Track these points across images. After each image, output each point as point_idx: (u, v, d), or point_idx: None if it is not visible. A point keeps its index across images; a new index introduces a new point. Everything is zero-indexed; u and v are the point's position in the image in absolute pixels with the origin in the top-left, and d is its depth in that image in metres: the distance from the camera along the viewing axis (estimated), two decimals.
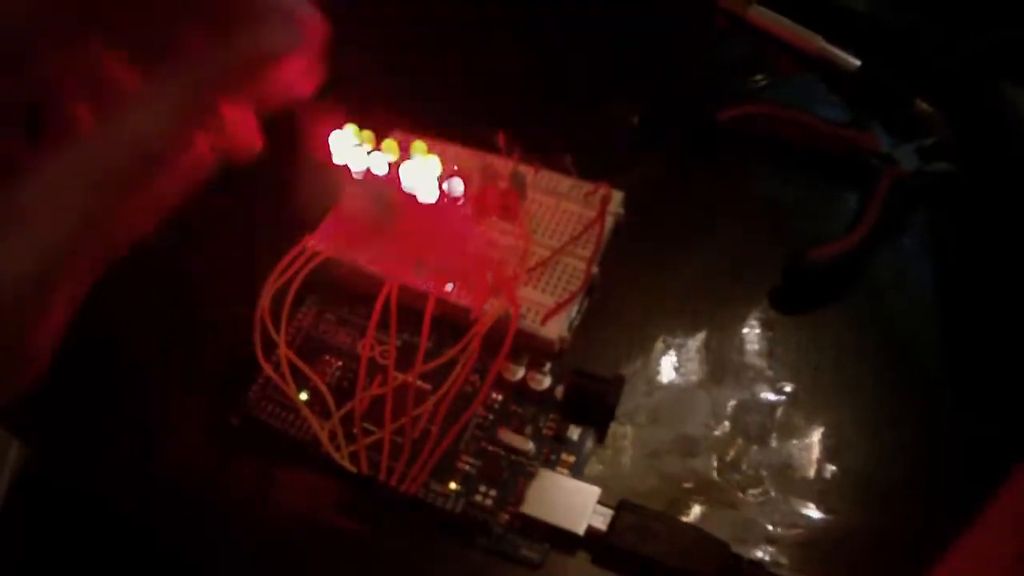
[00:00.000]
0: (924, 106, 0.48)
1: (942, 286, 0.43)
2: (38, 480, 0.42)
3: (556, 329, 0.40)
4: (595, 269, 0.42)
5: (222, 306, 0.44)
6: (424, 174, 0.40)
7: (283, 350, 0.40)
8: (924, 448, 0.39)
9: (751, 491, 0.38)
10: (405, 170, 0.40)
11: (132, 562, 0.40)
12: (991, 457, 0.37)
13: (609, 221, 0.43)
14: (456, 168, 0.40)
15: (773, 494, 0.38)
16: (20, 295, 0.22)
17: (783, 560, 0.37)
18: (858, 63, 0.50)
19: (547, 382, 0.40)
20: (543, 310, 0.41)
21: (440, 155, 0.41)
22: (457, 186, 0.40)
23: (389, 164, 0.41)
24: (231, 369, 0.43)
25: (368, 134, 0.42)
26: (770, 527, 0.37)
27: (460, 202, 0.40)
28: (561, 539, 0.37)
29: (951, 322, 0.42)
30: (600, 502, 0.37)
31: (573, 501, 0.37)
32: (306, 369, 0.41)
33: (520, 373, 0.40)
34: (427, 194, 0.40)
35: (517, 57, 0.55)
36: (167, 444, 0.42)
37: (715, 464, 0.39)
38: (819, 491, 0.38)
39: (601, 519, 0.37)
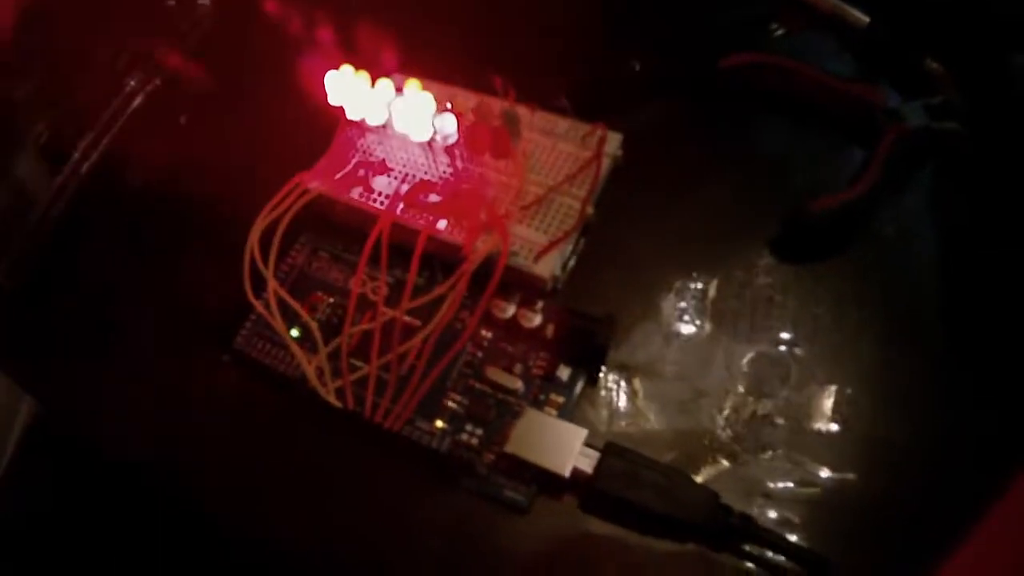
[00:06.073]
0: (933, 65, 0.45)
1: (946, 245, 0.40)
2: (48, 434, 0.41)
3: (548, 267, 0.37)
4: (590, 209, 0.39)
5: (219, 246, 0.42)
6: (416, 110, 0.37)
7: (271, 285, 0.38)
8: (926, 411, 0.35)
9: (745, 443, 0.35)
10: (397, 107, 0.38)
11: (139, 510, 0.38)
12: (991, 426, 0.34)
13: (607, 163, 0.40)
14: (449, 106, 0.37)
15: (767, 447, 0.35)
16: None
17: (772, 515, 0.33)
18: (867, 19, 0.47)
19: (537, 320, 0.37)
20: (536, 248, 0.38)
21: (434, 94, 0.38)
22: (449, 123, 0.37)
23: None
24: (228, 307, 0.40)
25: (364, 74, 0.39)
26: (765, 482, 0.34)
27: (452, 140, 0.38)
28: (547, 481, 0.34)
29: (954, 281, 0.39)
30: (588, 444, 0.34)
31: (559, 442, 0.34)
32: (295, 305, 0.38)
33: (511, 311, 0.37)
34: (419, 131, 0.38)
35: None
36: (167, 386, 0.40)
37: (709, 412, 0.36)
38: (816, 447, 0.35)
39: (588, 462, 0.33)
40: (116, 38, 0.48)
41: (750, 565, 0.32)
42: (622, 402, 0.37)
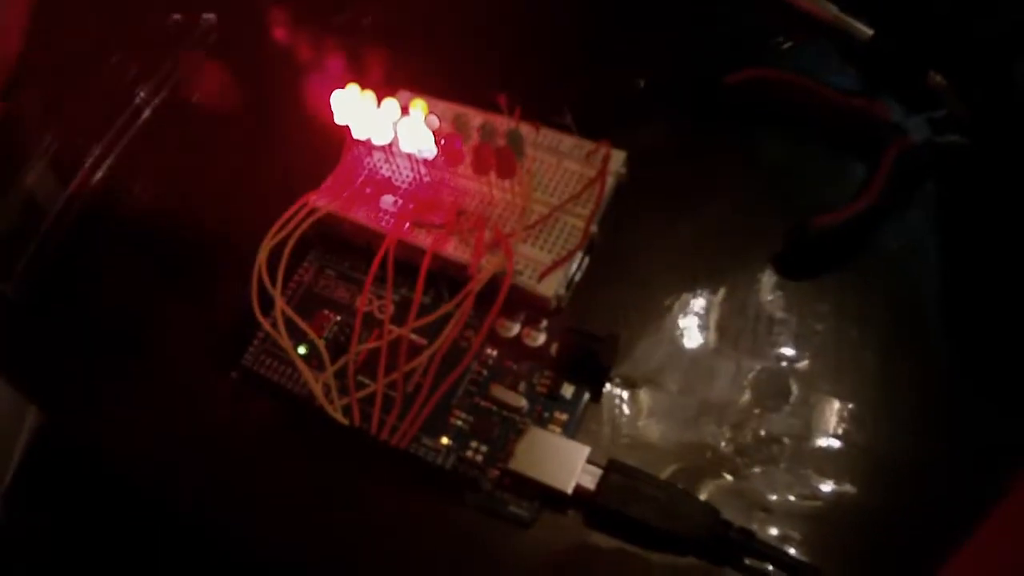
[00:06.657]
0: (937, 78, 0.45)
1: (950, 259, 0.40)
2: (54, 443, 0.41)
3: (552, 286, 0.37)
4: (594, 227, 0.39)
5: (227, 264, 0.43)
6: (422, 130, 0.38)
7: (279, 304, 0.38)
8: (929, 426, 0.35)
9: (747, 457, 0.35)
10: (403, 127, 0.38)
11: (143, 523, 0.39)
12: (994, 441, 0.34)
13: (610, 181, 0.40)
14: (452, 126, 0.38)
15: (769, 461, 0.35)
16: None
17: (773, 530, 0.33)
18: (871, 32, 0.47)
19: (542, 339, 0.37)
20: (540, 267, 0.38)
21: (439, 114, 0.38)
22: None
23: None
24: (236, 324, 0.41)
25: (370, 94, 0.40)
26: (767, 496, 0.34)
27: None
28: (550, 498, 0.34)
29: (958, 296, 0.39)
30: (590, 461, 0.34)
31: (562, 459, 0.34)
32: (302, 324, 0.39)
33: (515, 329, 0.38)
34: (426, 150, 0.38)
35: (524, 16, 0.51)
36: (175, 402, 0.41)
37: (711, 428, 0.36)
38: (819, 462, 0.35)
39: (590, 478, 0.34)
40: (122, 52, 0.49)
41: None
42: (625, 417, 0.37)
